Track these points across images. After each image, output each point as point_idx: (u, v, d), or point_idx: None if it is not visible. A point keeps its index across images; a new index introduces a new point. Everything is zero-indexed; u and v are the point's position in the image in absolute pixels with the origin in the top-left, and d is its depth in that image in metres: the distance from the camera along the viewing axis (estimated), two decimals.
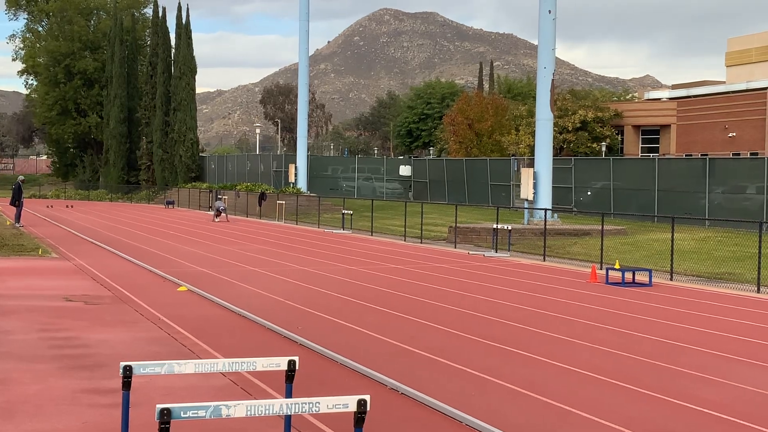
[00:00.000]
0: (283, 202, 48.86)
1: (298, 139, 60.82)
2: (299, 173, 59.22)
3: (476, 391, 10.12)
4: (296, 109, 63.01)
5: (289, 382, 7.02)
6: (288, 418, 6.94)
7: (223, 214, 47.29)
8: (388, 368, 11.04)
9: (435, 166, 64.18)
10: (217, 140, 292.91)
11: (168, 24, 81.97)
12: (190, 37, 79.08)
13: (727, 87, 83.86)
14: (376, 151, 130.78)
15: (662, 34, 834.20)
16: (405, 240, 33.98)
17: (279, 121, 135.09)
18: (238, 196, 56.42)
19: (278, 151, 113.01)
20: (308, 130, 65.57)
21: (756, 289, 19.81)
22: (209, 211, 59.02)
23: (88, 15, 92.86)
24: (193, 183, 73.10)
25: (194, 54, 79.44)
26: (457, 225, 33.07)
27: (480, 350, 12.56)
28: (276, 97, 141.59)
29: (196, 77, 79.95)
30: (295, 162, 60.31)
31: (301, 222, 45.46)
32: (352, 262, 25.45)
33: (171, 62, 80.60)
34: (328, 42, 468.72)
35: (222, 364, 6.93)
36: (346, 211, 40.65)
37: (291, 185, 58.72)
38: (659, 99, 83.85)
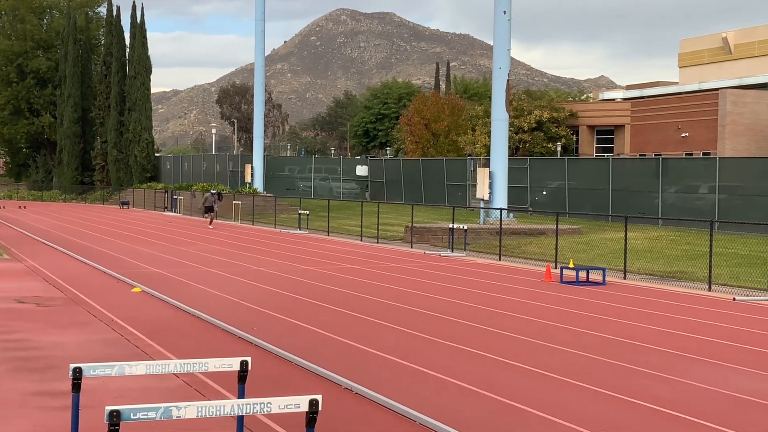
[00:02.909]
0: (240, 202, 48.63)
1: (254, 139, 60.57)
2: (256, 173, 58.99)
3: (432, 390, 10.13)
4: (253, 109, 62.69)
5: (241, 382, 6.98)
6: (240, 419, 6.89)
7: (211, 213, 42.99)
8: (343, 368, 11.02)
9: (392, 166, 64.24)
10: (173, 140, 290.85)
11: (123, 23, 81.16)
12: (144, 37, 78.41)
13: (679, 88, 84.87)
14: (332, 151, 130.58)
15: (618, 35, 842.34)
16: (361, 240, 33.96)
17: (235, 121, 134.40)
18: (193, 197, 56.05)
19: (234, 152, 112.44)
20: (265, 131, 65.29)
21: (707, 287, 20.04)
22: (165, 211, 58.56)
23: (41, 14, 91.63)
24: (149, 183, 72.51)
25: (150, 53, 78.81)
26: (414, 225, 33.12)
27: (436, 350, 12.57)
28: (232, 97, 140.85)
29: (152, 77, 79.33)
30: (251, 162, 60.06)
31: (258, 222, 45.27)
32: (308, 262, 25.39)
33: (126, 62, 79.84)
34: (285, 42, 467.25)
35: (174, 365, 6.87)
36: (302, 212, 40.56)
37: (247, 185, 58.47)
38: (614, 99, 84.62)
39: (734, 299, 18.38)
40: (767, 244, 26.10)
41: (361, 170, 66.80)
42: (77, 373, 6.44)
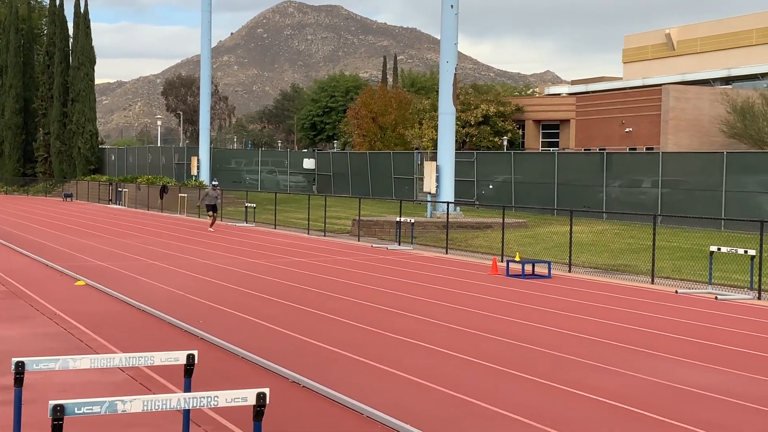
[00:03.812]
0: (186, 195, 48.24)
1: (200, 131, 60.08)
2: (202, 166, 58.52)
3: (379, 383, 10.16)
4: (199, 101, 62.18)
5: (187, 376, 6.93)
6: (186, 413, 6.86)
7: (214, 213, 36.43)
8: (290, 361, 11.01)
9: (339, 159, 64.18)
10: (117, 132, 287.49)
11: (66, 13, 79.97)
12: (88, 27, 77.33)
13: (624, 83, 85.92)
14: (279, 144, 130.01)
15: (563, 31, 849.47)
16: (308, 233, 33.91)
17: (181, 113, 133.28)
18: (138, 189, 55.49)
19: (180, 144, 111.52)
20: (211, 123, 64.76)
21: (651, 280, 20.33)
22: (110, 204, 57.88)
23: None
24: (93, 176, 71.61)
25: (94, 44, 77.74)
26: (361, 218, 33.13)
27: (383, 342, 12.61)
28: (178, 89, 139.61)
29: (96, 68, 78.25)
30: (197, 154, 59.57)
31: (204, 215, 44.93)
32: (255, 255, 25.29)
33: (69, 52, 78.66)
34: (232, 34, 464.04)
35: (119, 359, 6.80)
36: (249, 204, 40.36)
37: (193, 178, 58.01)
38: (559, 94, 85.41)
39: (677, 292, 18.66)
40: (708, 238, 26.54)
41: (309, 163, 66.63)
42: (20, 368, 6.35)
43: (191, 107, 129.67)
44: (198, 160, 58.77)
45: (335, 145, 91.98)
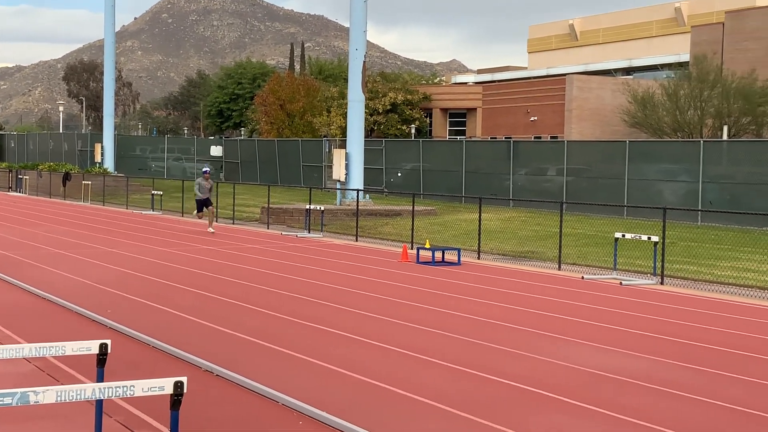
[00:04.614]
0: (89, 182, 47.26)
1: (104, 117, 58.95)
2: (106, 153, 57.45)
3: (294, 371, 10.13)
4: (102, 87, 60.98)
5: (100, 366, 6.80)
6: (99, 404, 6.74)
7: (210, 208, 29.49)
8: (203, 350, 10.90)
9: (247, 146, 63.66)
10: (16, 118, 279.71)
11: None
12: None
13: (529, 73, 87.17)
14: (186, 131, 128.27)
15: (470, 20, 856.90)
16: (217, 221, 33.55)
17: (83, 99, 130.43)
18: (40, 176, 54.16)
19: (83, 130, 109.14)
20: (115, 109, 63.57)
21: (557, 266, 20.69)
22: (10, 191, 56.34)
23: None
24: None
25: None
26: (270, 206, 32.95)
27: (297, 331, 12.57)
28: (80, 74, 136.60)
29: None
30: (101, 141, 58.44)
31: (109, 203, 44.12)
32: (162, 243, 24.93)
33: None
34: (135, 18, 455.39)
35: (28, 350, 6.64)
36: (155, 192, 39.76)
37: (97, 165, 56.89)
38: (465, 83, 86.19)
39: (582, 278, 19.04)
40: (612, 225, 27.13)
41: (216, 151, 65.92)
42: None
43: (94, 93, 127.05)
44: (102, 146, 57.67)
45: (243, 133, 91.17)
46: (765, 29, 53.95)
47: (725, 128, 45.19)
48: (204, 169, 30.76)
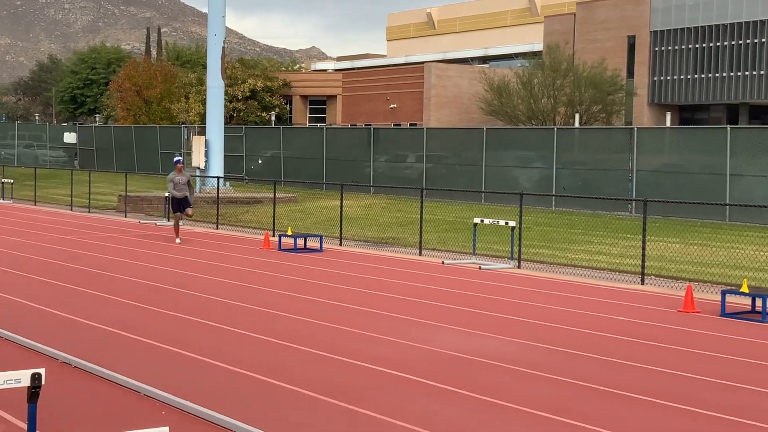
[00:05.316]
0: None
1: None
2: None
3: (157, 361, 9.99)
4: None
5: None
6: None
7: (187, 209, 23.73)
8: (60, 342, 10.62)
9: (102, 133, 62.03)
10: None
11: None
12: None
13: (388, 60, 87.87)
14: (37, 118, 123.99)
15: (329, 7, 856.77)
16: (72, 209, 32.66)
17: None
18: None
19: None
20: None
21: (419, 252, 20.99)
22: None
23: None
24: None
25: None
26: (128, 194, 32.27)
27: (159, 321, 12.39)
28: None
29: None
30: None
31: None
32: (14, 233, 24.10)
33: None
34: None
35: None
36: (6, 180, 38.37)
37: None
38: (325, 70, 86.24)
39: (443, 263, 19.37)
40: (471, 210, 27.69)
41: (70, 137, 64.00)
42: None
43: None
44: None
45: (98, 119, 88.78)
46: (614, 20, 55.97)
47: (577, 116, 46.66)
48: (176, 159, 24.75)
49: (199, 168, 35.58)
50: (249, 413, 7.98)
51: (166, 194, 29.57)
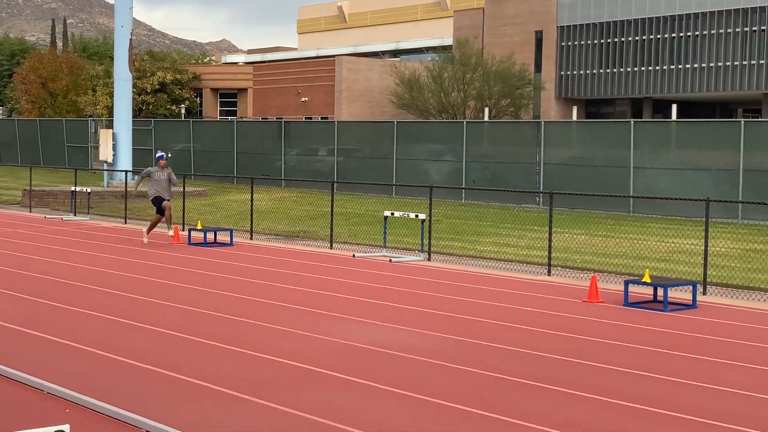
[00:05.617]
0: None
1: None
2: None
3: (60, 358, 9.83)
4: None
5: None
6: None
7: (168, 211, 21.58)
8: None
9: (5, 126, 60.49)
10: None
11: None
12: None
13: (299, 53, 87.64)
14: None
15: (239, 0, 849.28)
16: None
17: None
18: None
19: None
20: None
21: (329, 245, 21.01)
22: None
23: None
24: None
25: None
26: (32, 188, 31.58)
27: (63, 317, 12.18)
28: None
29: None
30: None
31: None
32: None
33: None
34: None
35: None
36: None
37: None
38: (236, 63, 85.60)
39: (354, 256, 19.44)
40: (382, 204, 27.82)
41: None
42: None
43: None
44: None
45: (1, 112, 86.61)
46: (522, 15, 56.75)
47: (486, 110, 47.22)
48: (158, 154, 22.95)
49: (106, 162, 35.03)
50: (153, 409, 7.90)
51: (72, 188, 29.06)
